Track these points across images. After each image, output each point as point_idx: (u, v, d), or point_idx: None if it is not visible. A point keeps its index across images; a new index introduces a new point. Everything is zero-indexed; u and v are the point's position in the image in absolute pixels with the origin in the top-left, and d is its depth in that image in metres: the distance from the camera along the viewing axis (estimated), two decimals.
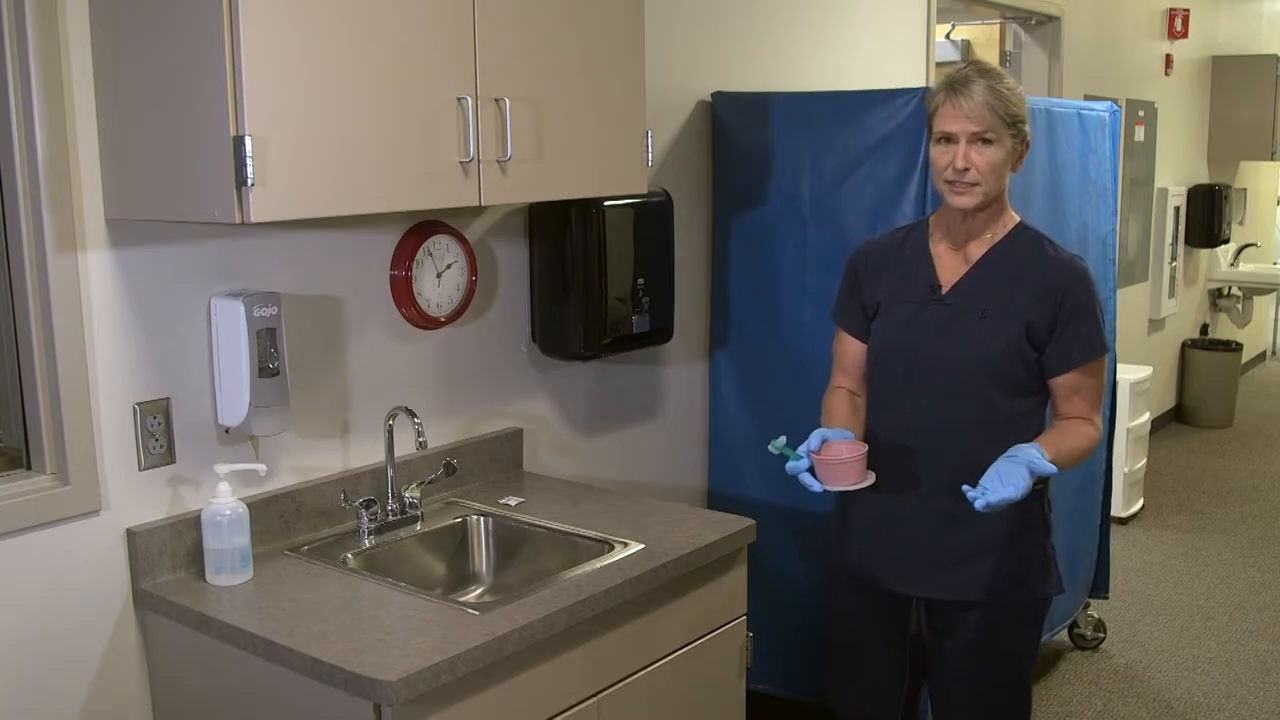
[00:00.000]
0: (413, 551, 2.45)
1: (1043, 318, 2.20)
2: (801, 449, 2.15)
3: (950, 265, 2.28)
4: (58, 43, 1.98)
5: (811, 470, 2.14)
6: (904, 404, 2.29)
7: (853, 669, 2.46)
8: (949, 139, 2.18)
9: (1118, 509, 5.09)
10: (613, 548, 2.33)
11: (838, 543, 2.42)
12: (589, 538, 2.41)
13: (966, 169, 2.17)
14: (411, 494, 2.51)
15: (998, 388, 2.21)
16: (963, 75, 2.18)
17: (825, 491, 2.15)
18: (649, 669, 2.28)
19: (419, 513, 2.51)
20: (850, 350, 2.41)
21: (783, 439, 2.16)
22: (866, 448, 2.16)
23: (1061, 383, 2.24)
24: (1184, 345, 7.39)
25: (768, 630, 2.99)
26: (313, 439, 2.44)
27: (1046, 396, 2.29)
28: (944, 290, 2.27)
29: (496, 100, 2.20)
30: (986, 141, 2.16)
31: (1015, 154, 2.21)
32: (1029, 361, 2.22)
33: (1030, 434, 2.20)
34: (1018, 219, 2.29)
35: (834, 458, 2.13)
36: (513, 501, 2.63)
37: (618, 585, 2.16)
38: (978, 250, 2.26)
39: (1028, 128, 2.21)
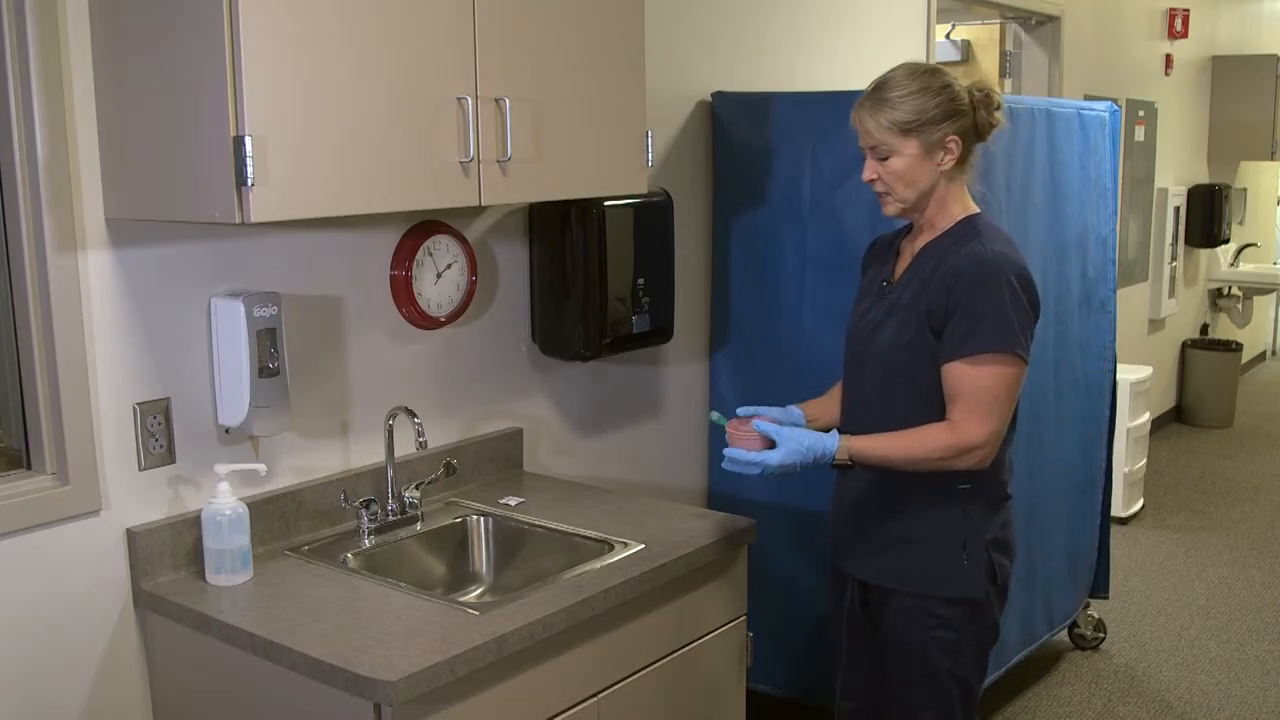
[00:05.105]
0: (413, 551, 2.45)
1: (935, 305, 2.15)
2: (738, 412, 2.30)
3: (904, 260, 2.30)
4: (58, 43, 1.98)
5: None
6: (849, 394, 2.36)
7: (833, 642, 2.51)
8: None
9: (1118, 509, 5.09)
10: (613, 548, 2.33)
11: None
12: (589, 538, 2.41)
13: (873, 179, 2.21)
14: (411, 494, 2.51)
15: (910, 382, 2.20)
16: (867, 89, 2.21)
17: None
18: (649, 669, 2.29)
19: (419, 513, 2.51)
20: None
21: (716, 413, 2.33)
22: (776, 427, 2.18)
23: (944, 377, 2.15)
24: (1184, 345, 7.39)
25: (768, 630, 2.99)
26: (313, 439, 2.44)
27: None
28: (892, 284, 2.29)
29: (496, 100, 2.20)
30: (882, 156, 2.19)
31: (936, 155, 2.16)
32: (937, 355, 2.17)
33: None
34: (971, 212, 2.23)
35: (735, 429, 2.22)
36: (513, 501, 2.63)
37: (618, 585, 2.16)
38: (921, 244, 2.26)
39: (945, 125, 2.14)
